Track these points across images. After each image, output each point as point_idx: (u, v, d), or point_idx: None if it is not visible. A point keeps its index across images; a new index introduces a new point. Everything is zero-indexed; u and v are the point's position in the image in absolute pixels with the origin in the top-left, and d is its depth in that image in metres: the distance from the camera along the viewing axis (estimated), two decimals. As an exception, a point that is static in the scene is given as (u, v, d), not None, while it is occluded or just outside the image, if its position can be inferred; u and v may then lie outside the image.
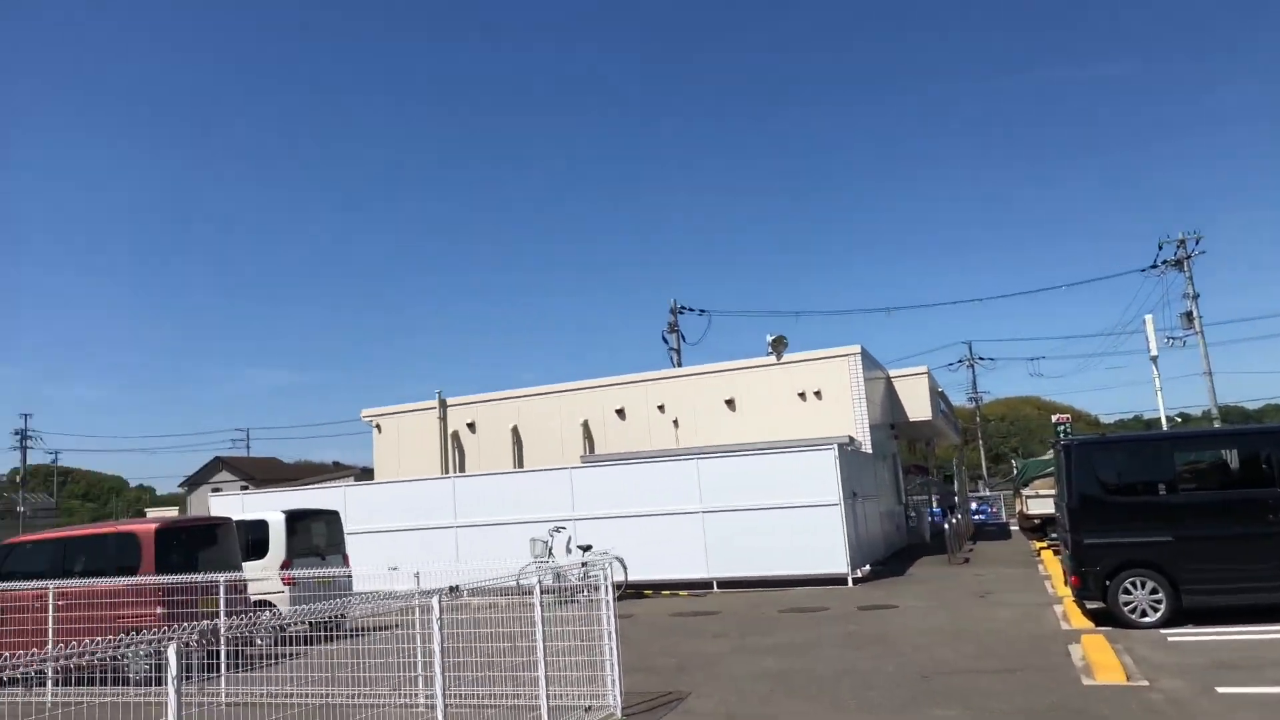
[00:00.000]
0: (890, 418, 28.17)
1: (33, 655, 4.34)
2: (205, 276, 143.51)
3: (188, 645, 4.99)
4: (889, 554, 23.85)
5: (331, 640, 9.98)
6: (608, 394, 26.90)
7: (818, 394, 24.45)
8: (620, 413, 26.58)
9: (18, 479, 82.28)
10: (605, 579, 8.73)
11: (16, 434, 75.91)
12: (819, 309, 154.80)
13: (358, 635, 10.49)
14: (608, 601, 8.62)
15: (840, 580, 18.12)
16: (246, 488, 43.74)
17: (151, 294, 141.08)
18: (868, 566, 19.50)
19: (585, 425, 26.84)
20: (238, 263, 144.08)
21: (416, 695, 8.84)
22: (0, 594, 12.22)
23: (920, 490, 35.11)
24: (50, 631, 11.07)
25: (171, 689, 4.74)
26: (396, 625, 9.72)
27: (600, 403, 26.90)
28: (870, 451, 23.66)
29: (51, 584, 11.40)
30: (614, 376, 27.15)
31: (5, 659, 4.08)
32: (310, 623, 8.04)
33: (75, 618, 11.20)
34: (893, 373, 28.92)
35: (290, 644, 10.10)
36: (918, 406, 28.56)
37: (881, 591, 16.94)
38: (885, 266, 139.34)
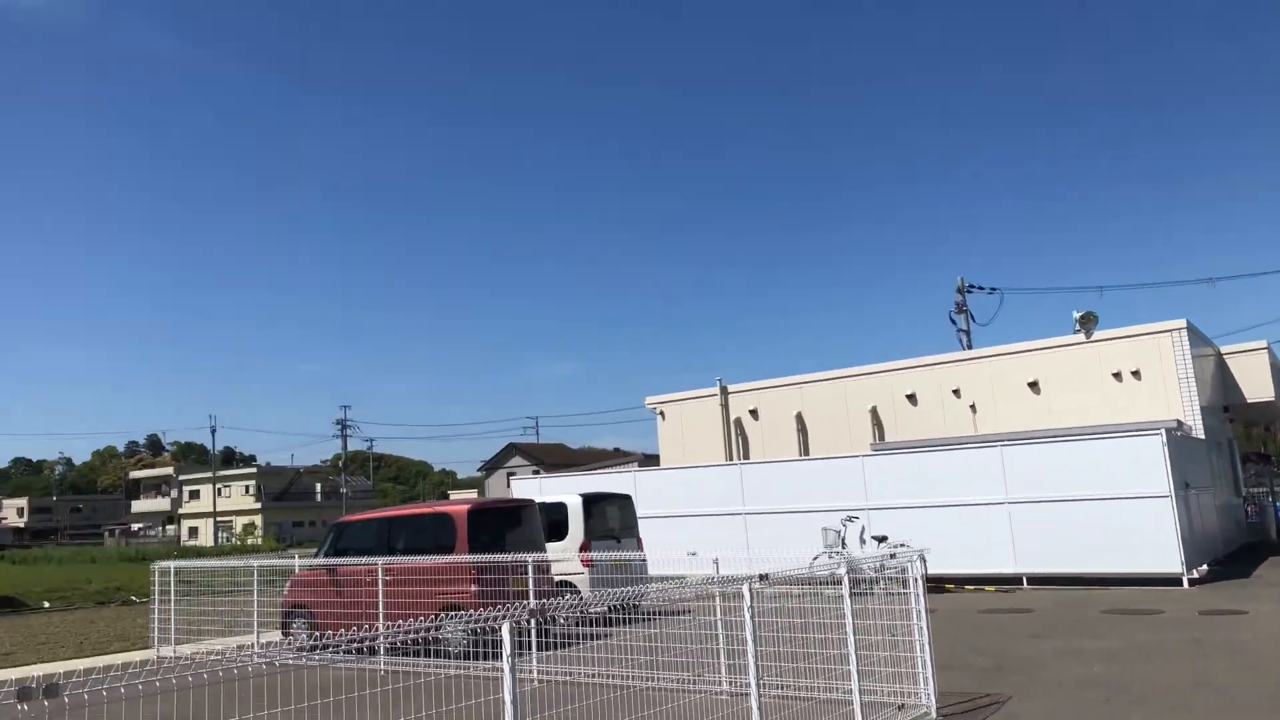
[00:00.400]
0: (1223, 399, 25.32)
1: (381, 630, 4.65)
2: (498, 277, 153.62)
3: (518, 624, 5.18)
4: (1228, 553, 21.45)
5: (630, 623, 10.21)
6: (897, 379, 26.02)
7: (1135, 374, 22.41)
8: (911, 398, 25.64)
9: (340, 464, 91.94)
10: (914, 571, 8.35)
11: (338, 424, 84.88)
12: (1125, 283, 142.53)
13: (654, 619, 10.69)
14: (918, 594, 8.24)
15: (1172, 580, 16.47)
16: (538, 472, 46.29)
17: (450, 294, 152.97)
18: (1205, 566, 17.60)
19: (874, 411, 26.11)
20: (527, 261, 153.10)
21: (718, 682, 8.86)
22: (337, 569, 13.54)
23: (1259, 481, 31.38)
24: (380, 605, 12.08)
25: (507, 666, 4.91)
26: (691, 610, 9.80)
27: (889, 388, 26.07)
28: (1202, 437, 21.38)
29: (380, 560, 12.42)
30: (903, 360, 26.22)
31: (363, 631, 4.40)
32: (609, 605, 8.24)
33: (400, 592, 12.13)
34: (1224, 349, 25.98)
35: (589, 625, 10.46)
36: (1257, 386, 25.45)
37: (1225, 594, 15.23)
38: (1203, 233, 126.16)
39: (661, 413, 30.42)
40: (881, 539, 17.27)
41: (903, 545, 15.00)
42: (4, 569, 45.33)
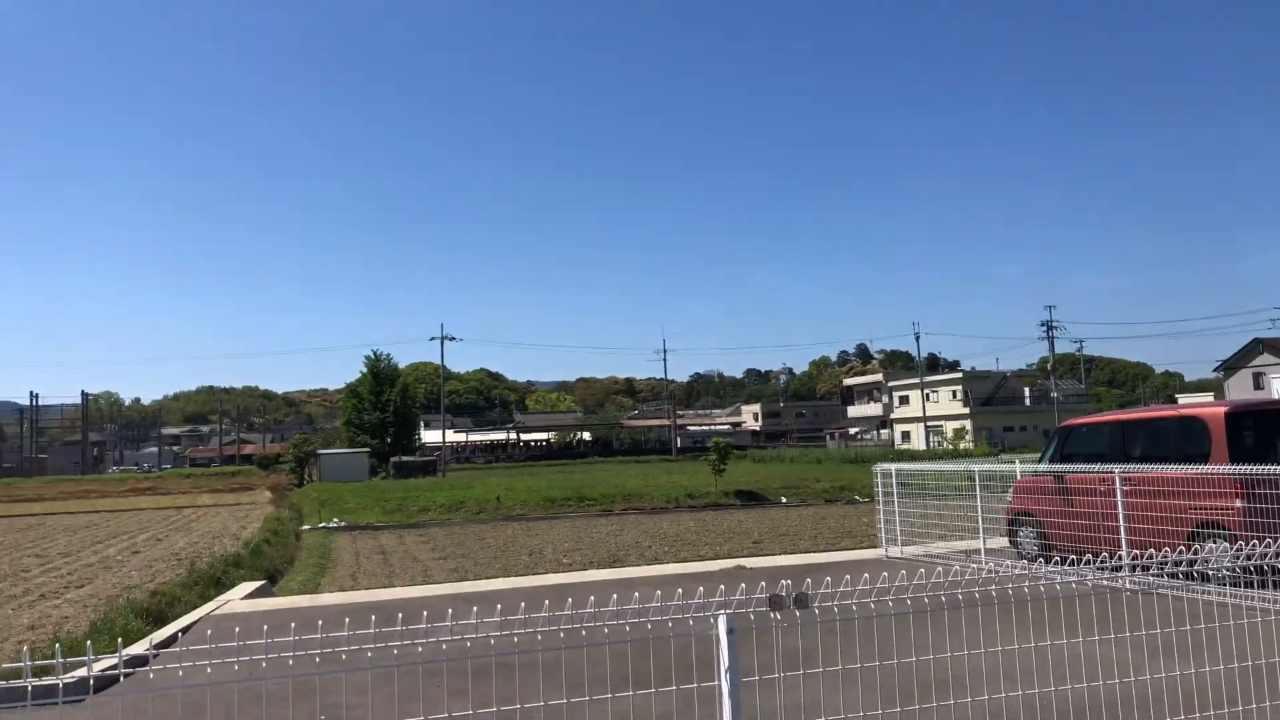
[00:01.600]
0: None
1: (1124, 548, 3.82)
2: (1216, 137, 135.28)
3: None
4: None
5: None
6: None
7: None
8: None
9: (1048, 367, 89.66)
10: None
11: (1042, 325, 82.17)
12: None
13: None
14: None
15: None
16: (1296, 372, 39.67)
17: (1158, 173, 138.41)
18: None
19: None
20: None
21: None
22: (1065, 476, 12.75)
23: None
24: (1121, 517, 11.06)
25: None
26: None
27: None
28: None
29: (1116, 468, 11.36)
30: None
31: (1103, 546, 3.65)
32: None
33: (1139, 504, 11.01)
34: None
35: None
36: None
37: None
38: None
39: None
40: None
41: None
42: (747, 467, 52.40)
